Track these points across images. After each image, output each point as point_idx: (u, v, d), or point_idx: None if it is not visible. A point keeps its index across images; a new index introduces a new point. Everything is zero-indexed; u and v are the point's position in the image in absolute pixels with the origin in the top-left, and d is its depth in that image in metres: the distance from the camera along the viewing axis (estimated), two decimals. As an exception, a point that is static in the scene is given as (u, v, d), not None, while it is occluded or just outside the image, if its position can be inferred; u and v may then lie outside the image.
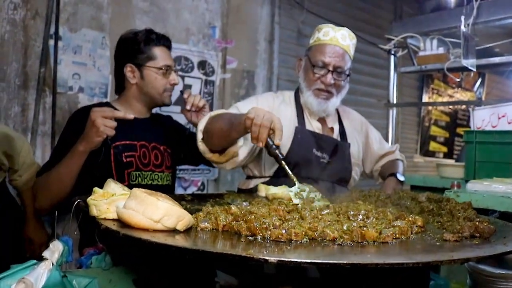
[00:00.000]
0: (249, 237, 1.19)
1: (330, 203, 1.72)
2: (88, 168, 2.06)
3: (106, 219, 1.27)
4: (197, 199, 1.89)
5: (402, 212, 1.50)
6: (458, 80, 3.58)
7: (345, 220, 1.34)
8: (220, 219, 1.28)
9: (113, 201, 1.28)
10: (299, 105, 2.41)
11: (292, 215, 1.34)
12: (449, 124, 6.67)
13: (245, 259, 0.96)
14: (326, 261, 0.94)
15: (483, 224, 1.31)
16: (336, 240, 1.18)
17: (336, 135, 2.44)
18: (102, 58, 3.09)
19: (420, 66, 3.49)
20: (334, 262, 0.94)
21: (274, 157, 1.85)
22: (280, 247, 1.10)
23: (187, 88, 3.57)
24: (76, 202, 1.45)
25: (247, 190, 2.30)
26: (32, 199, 2.32)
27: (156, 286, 1.62)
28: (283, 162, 1.86)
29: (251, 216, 1.23)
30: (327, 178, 2.30)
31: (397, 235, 1.26)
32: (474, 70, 3.27)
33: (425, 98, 6.09)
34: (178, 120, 2.62)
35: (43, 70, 2.81)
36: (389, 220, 1.38)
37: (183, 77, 3.56)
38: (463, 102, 6.38)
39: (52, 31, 2.84)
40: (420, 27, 3.59)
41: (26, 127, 2.81)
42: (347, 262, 0.94)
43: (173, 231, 1.20)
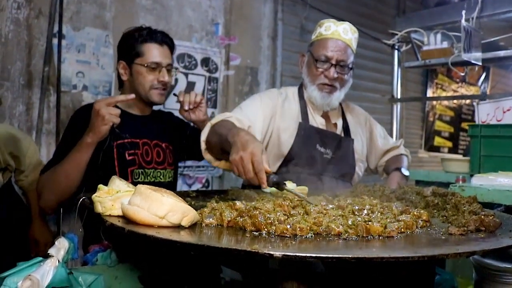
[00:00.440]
0: (254, 233, 1.18)
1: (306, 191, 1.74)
2: (92, 167, 2.07)
3: (111, 215, 1.28)
4: (202, 195, 1.89)
5: (407, 207, 1.50)
6: (462, 74, 3.56)
7: (350, 215, 1.34)
8: (225, 214, 1.28)
9: (118, 198, 1.28)
10: (302, 100, 2.41)
11: (297, 210, 1.34)
12: (454, 119, 6.64)
13: (250, 254, 0.96)
14: (331, 255, 0.94)
15: (488, 218, 1.31)
16: (341, 235, 1.18)
17: (340, 130, 2.44)
18: (105, 56, 3.10)
19: (424, 61, 3.47)
20: (339, 256, 0.94)
21: (278, 188, 1.69)
22: (285, 242, 1.10)
23: (191, 85, 3.57)
24: (81, 199, 1.46)
25: (252, 186, 2.30)
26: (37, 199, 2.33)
27: (161, 282, 1.62)
28: (287, 189, 1.66)
29: (256, 212, 1.23)
30: (331, 173, 2.30)
31: (402, 230, 1.25)
32: (478, 64, 3.25)
33: (429, 93, 6.06)
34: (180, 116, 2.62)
35: (47, 69, 2.82)
36: (394, 215, 1.38)
37: (186, 74, 3.56)
38: (467, 97, 6.34)
39: (56, 30, 2.85)
40: (424, 21, 3.57)
41: (31, 126, 2.82)
42: (352, 256, 0.94)
43: (178, 227, 1.20)
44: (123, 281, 1.65)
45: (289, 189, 1.65)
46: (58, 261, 1.38)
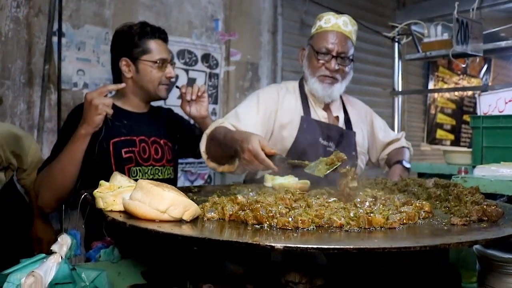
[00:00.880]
0: (256, 226, 1.18)
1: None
2: (88, 165, 2.07)
3: (112, 211, 1.28)
4: (204, 191, 1.89)
5: (409, 198, 1.50)
6: (463, 66, 3.53)
7: (352, 207, 1.34)
8: (226, 208, 1.28)
9: (119, 193, 1.28)
10: (303, 94, 2.41)
11: (298, 204, 1.34)
12: (456, 111, 6.63)
13: (251, 246, 0.96)
14: (332, 246, 0.94)
15: (491, 208, 1.30)
16: (343, 227, 1.18)
17: (342, 123, 2.44)
18: (105, 53, 3.09)
19: (424, 53, 3.46)
20: (341, 247, 0.94)
21: (283, 164, 1.87)
22: (286, 235, 1.10)
23: (191, 81, 3.57)
24: (83, 195, 1.46)
25: (254, 180, 2.31)
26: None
27: (164, 278, 1.62)
28: (289, 160, 1.91)
29: (257, 205, 1.23)
30: (333, 166, 2.30)
31: (404, 221, 1.25)
32: (478, 55, 3.23)
33: (431, 86, 6.04)
34: (179, 112, 2.62)
35: (48, 67, 2.82)
36: (396, 206, 1.37)
37: (187, 71, 3.55)
38: (469, 88, 6.32)
39: (55, 28, 2.85)
40: (424, 13, 3.56)
41: (32, 124, 2.82)
42: (353, 247, 0.94)
43: (179, 221, 1.20)
44: (126, 277, 1.65)
45: (292, 161, 1.88)
46: (61, 257, 1.38)
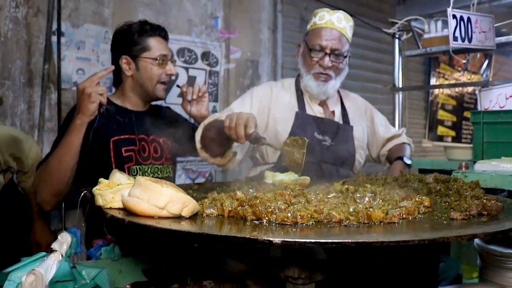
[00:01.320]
0: (255, 222, 1.18)
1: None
2: (86, 162, 2.07)
3: (111, 208, 1.28)
4: (204, 188, 1.89)
5: (409, 193, 1.50)
6: (464, 61, 3.51)
7: (352, 202, 1.34)
8: (225, 204, 1.28)
9: (118, 190, 1.28)
10: (299, 90, 2.42)
11: (298, 199, 1.34)
12: (456, 107, 6.62)
13: (249, 241, 0.96)
14: (330, 240, 0.94)
15: (490, 202, 1.30)
16: (342, 222, 1.18)
17: (338, 117, 2.45)
18: (105, 52, 3.09)
19: (425, 49, 3.45)
20: (339, 241, 0.94)
21: (258, 143, 1.86)
22: (285, 230, 1.10)
23: (191, 80, 3.57)
24: (83, 193, 1.46)
25: (254, 177, 2.31)
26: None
27: (165, 275, 1.63)
28: (266, 142, 1.88)
29: (256, 201, 1.23)
30: (331, 161, 2.30)
31: (403, 216, 1.25)
32: (478, 51, 3.21)
33: (432, 83, 6.04)
34: (178, 111, 2.62)
35: (47, 66, 2.82)
36: (396, 201, 1.37)
37: (187, 69, 3.55)
38: (469, 84, 6.31)
39: (55, 27, 2.85)
40: (424, 9, 3.55)
41: (33, 124, 2.83)
42: (351, 241, 0.94)
43: (178, 217, 1.20)
44: (127, 275, 1.66)
45: (268, 143, 1.88)
46: (62, 255, 1.39)
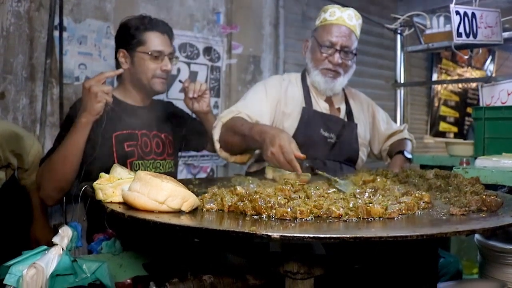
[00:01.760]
0: (255, 217, 1.19)
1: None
2: (90, 156, 2.07)
3: (112, 202, 1.29)
4: (205, 183, 1.90)
5: (409, 189, 1.50)
6: (466, 57, 3.48)
7: (351, 198, 1.34)
8: (225, 199, 1.28)
9: (118, 185, 1.29)
10: (306, 86, 2.42)
11: (298, 194, 1.34)
12: (459, 103, 6.59)
13: (248, 235, 0.96)
14: (329, 235, 0.94)
15: (490, 197, 1.31)
16: (341, 217, 1.18)
17: (343, 115, 2.45)
18: (107, 47, 3.09)
19: (427, 45, 3.43)
20: (337, 236, 0.94)
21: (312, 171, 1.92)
22: (285, 225, 1.10)
23: (193, 75, 3.57)
24: (84, 188, 1.47)
25: (255, 172, 2.32)
26: (39, 197, 2.31)
27: (165, 269, 1.63)
28: (318, 171, 1.91)
29: (256, 196, 1.24)
30: (335, 158, 2.31)
31: (403, 211, 1.25)
32: (479, 46, 3.20)
33: (434, 78, 6.00)
34: (180, 106, 2.62)
35: (49, 61, 2.82)
36: (395, 197, 1.37)
37: (189, 64, 3.55)
38: (471, 80, 6.28)
39: (57, 22, 2.84)
40: (426, 4, 3.53)
41: (35, 118, 2.83)
42: (350, 236, 0.94)
43: (178, 212, 1.20)
44: (128, 269, 1.66)
45: (321, 173, 1.86)
46: (62, 249, 1.40)
